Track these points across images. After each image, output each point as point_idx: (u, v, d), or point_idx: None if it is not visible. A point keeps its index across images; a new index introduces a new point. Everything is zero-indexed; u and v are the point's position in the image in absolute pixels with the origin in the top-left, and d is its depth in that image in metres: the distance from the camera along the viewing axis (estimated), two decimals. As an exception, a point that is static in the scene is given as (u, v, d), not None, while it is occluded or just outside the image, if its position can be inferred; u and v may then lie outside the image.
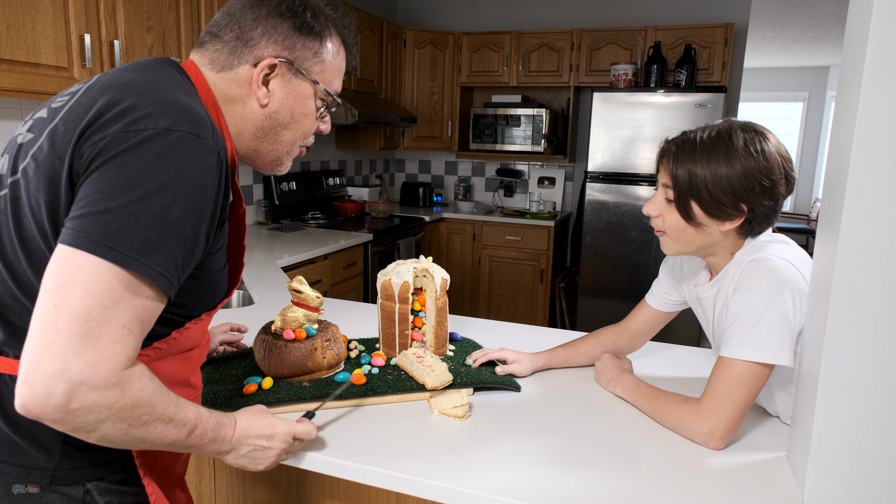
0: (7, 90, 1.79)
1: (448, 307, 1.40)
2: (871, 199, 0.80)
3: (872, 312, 0.82)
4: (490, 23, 4.64)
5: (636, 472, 0.97)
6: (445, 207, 4.63)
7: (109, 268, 0.66)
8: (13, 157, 0.79)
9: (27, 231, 0.75)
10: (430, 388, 1.18)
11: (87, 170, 0.71)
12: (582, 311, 4.06)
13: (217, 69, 0.88)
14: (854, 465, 0.86)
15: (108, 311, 0.66)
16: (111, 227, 0.67)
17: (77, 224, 0.67)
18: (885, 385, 0.83)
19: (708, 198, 1.06)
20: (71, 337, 0.64)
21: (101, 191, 0.68)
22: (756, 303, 1.01)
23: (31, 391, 0.64)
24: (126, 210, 0.67)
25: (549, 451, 1.02)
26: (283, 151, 0.96)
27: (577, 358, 1.40)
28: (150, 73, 0.82)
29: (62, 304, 0.65)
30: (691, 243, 1.12)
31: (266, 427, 0.90)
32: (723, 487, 0.93)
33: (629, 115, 3.77)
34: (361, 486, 1.26)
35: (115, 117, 0.72)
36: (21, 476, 0.79)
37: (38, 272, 0.73)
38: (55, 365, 0.63)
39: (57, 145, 0.74)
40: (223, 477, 1.40)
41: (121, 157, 0.69)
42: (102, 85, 0.78)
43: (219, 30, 0.89)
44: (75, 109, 0.76)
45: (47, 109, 0.81)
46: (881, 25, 0.76)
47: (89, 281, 0.65)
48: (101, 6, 2.03)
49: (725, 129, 1.08)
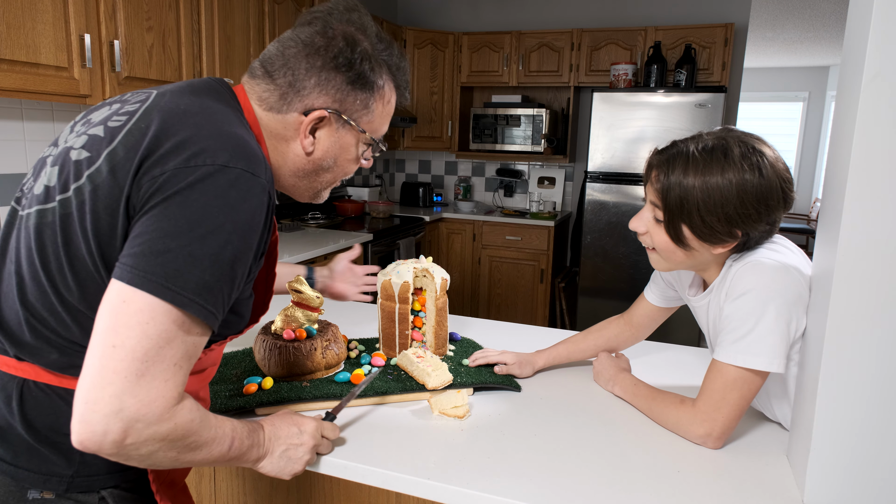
0: (7, 90, 1.79)
1: (448, 307, 1.40)
2: (871, 199, 0.80)
3: (872, 313, 0.82)
4: (490, 23, 4.64)
5: (636, 472, 0.97)
6: (445, 207, 4.64)
7: (167, 309, 0.68)
8: (64, 171, 0.79)
9: (75, 250, 0.75)
10: (430, 389, 1.18)
11: (145, 204, 0.72)
12: (582, 311, 4.06)
13: (266, 108, 0.89)
14: (854, 466, 0.86)
15: (162, 351, 0.69)
16: (170, 267, 0.68)
17: (136, 262, 0.69)
18: (884, 385, 0.83)
19: (700, 224, 1.00)
20: (128, 378, 0.66)
21: (160, 229, 0.69)
22: (751, 308, 0.98)
23: (88, 429, 0.66)
24: (185, 251, 0.69)
25: (548, 451, 1.02)
26: (322, 188, 0.97)
27: (580, 353, 1.39)
28: (207, 98, 0.82)
29: (120, 345, 0.67)
30: (682, 263, 1.09)
31: (293, 424, 0.93)
32: (722, 488, 0.93)
33: (629, 115, 3.77)
34: (361, 486, 1.26)
35: (173, 150, 0.73)
36: (38, 482, 0.79)
37: (84, 291, 0.75)
38: (112, 405, 0.66)
39: (117, 172, 0.74)
40: (223, 477, 1.40)
41: (180, 195, 0.70)
42: (161, 110, 0.78)
43: (272, 70, 0.88)
44: (133, 134, 0.76)
45: (104, 128, 0.80)
46: (881, 25, 0.76)
47: (148, 323, 0.67)
48: (101, 6, 2.03)
49: (720, 146, 0.99)
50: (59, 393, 0.79)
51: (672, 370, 1.42)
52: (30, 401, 0.79)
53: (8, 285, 0.80)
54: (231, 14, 2.65)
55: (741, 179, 0.97)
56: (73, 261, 0.75)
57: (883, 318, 0.81)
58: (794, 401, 1.02)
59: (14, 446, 0.79)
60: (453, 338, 1.49)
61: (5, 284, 0.80)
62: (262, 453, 0.87)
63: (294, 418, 0.94)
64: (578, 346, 1.39)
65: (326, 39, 0.87)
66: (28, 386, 0.79)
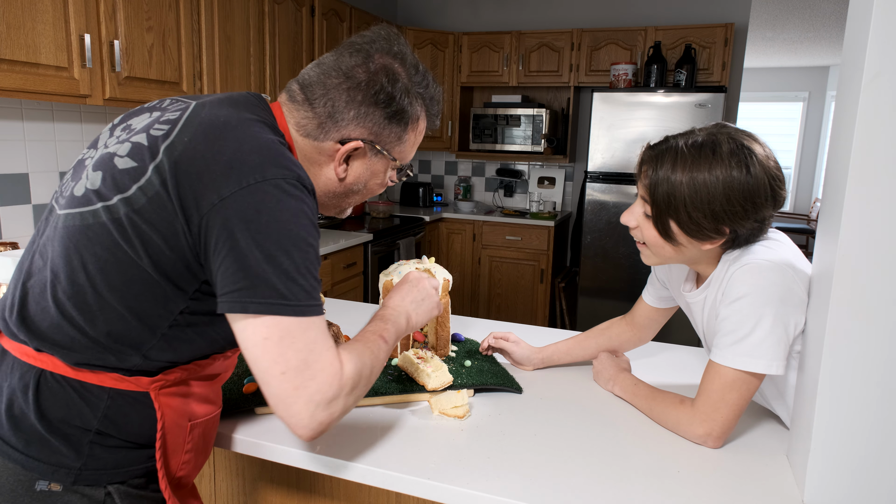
0: (7, 90, 1.79)
1: (448, 307, 1.40)
2: (871, 199, 0.80)
3: (872, 313, 0.82)
4: (490, 23, 4.64)
5: (636, 472, 0.97)
6: (445, 207, 4.64)
7: (296, 322, 0.77)
8: (108, 178, 0.82)
9: (124, 254, 0.79)
10: (430, 390, 1.18)
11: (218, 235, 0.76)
12: (582, 311, 4.06)
13: (303, 134, 0.92)
14: (854, 465, 0.86)
15: (312, 352, 0.78)
16: (281, 288, 0.76)
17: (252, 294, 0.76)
18: (885, 385, 0.83)
19: (687, 220, 1.00)
20: (307, 385, 0.77)
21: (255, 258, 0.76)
22: (748, 312, 0.98)
23: (309, 433, 0.79)
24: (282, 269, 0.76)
25: (548, 451, 1.02)
26: (347, 206, 1.03)
27: (582, 352, 1.39)
28: (245, 111, 0.86)
29: (287, 368, 0.77)
30: (672, 258, 1.08)
31: (410, 283, 1.07)
32: (723, 487, 0.93)
33: (629, 115, 3.77)
34: (361, 486, 1.26)
35: (224, 172, 0.77)
36: (47, 473, 0.81)
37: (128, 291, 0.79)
38: (308, 410, 0.78)
39: (168, 186, 0.78)
40: (223, 477, 1.40)
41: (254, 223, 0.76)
42: (202, 122, 0.82)
43: (313, 98, 0.90)
44: (177, 147, 0.80)
45: (146, 136, 0.83)
46: (881, 25, 0.76)
47: (294, 341, 0.77)
48: (101, 6, 2.03)
49: (710, 142, 0.99)
50: (73, 385, 0.82)
51: (672, 370, 1.42)
52: (45, 391, 0.81)
53: (37, 281, 0.83)
54: (231, 14, 2.65)
55: (728, 176, 0.97)
56: (120, 264, 0.79)
57: (883, 318, 0.81)
58: (795, 401, 1.02)
59: (27, 435, 0.81)
60: (457, 338, 1.49)
61: (34, 280, 0.84)
62: (409, 325, 1.01)
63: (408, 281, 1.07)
64: (581, 344, 1.39)
65: (368, 74, 0.90)
66: (45, 376, 0.81)
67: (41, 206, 2.27)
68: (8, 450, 0.81)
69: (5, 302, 0.87)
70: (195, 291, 0.82)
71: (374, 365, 0.88)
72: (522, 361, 1.36)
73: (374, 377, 0.88)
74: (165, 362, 0.85)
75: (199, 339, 0.86)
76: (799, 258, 1.03)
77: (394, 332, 0.96)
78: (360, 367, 0.84)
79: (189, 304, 0.82)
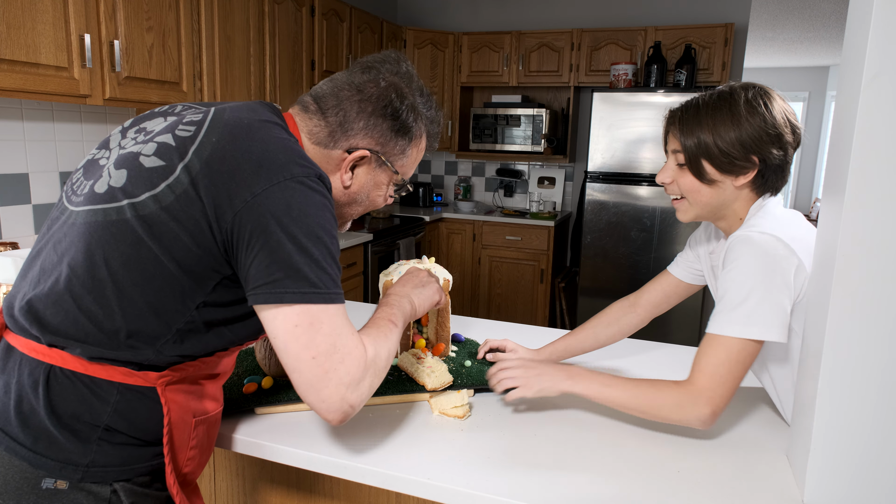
0: (7, 90, 1.79)
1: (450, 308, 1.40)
2: (870, 198, 0.80)
3: (872, 313, 0.82)
4: (490, 23, 4.64)
5: (636, 471, 0.97)
6: (445, 207, 4.64)
7: (324, 309, 0.82)
8: (133, 175, 0.85)
9: (147, 251, 0.81)
10: (429, 390, 1.18)
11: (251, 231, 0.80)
12: (582, 311, 4.06)
13: (314, 142, 0.97)
14: (854, 465, 0.86)
15: (340, 337, 0.83)
16: (312, 277, 0.81)
17: (286, 285, 0.80)
18: (885, 385, 0.83)
19: (718, 154, 1.06)
20: (336, 368, 0.82)
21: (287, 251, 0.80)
22: (742, 279, 0.99)
23: (339, 417, 0.84)
24: (312, 260, 0.81)
25: (549, 452, 1.02)
26: (350, 218, 1.07)
27: (578, 344, 1.37)
28: (263, 115, 0.92)
29: (318, 353, 0.82)
30: (707, 204, 1.11)
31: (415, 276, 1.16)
32: (723, 487, 0.93)
33: (629, 115, 3.77)
34: (361, 486, 1.26)
35: (254, 170, 0.82)
36: (54, 470, 0.81)
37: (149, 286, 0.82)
38: (338, 394, 0.83)
39: (198, 186, 0.82)
40: (223, 477, 1.40)
41: (286, 216, 0.81)
42: (228, 124, 0.87)
43: (325, 108, 0.97)
44: (206, 147, 0.84)
45: (172, 136, 0.87)
46: (881, 25, 0.76)
47: (322, 326, 0.82)
48: (101, 6, 2.03)
49: (727, 90, 1.09)
50: (84, 381, 0.83)
51: (672, 370, 1.42)
52: (55, 387, 0.82)
53: (51, 276, 0.84)
54: (231, 14, 2.65)
55: (750, 109, 1.06)
56: (143, 260, 0.82)
57: (883, 318, 0.81)
58: (795, 400, 1.02)
59: (35, 431, 0.81)
60: (457, 338, 1.49)
61: (47, 275, 0.85)
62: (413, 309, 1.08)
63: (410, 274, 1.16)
64: (576, 336, 1.38)
65: (378, 90, 0.97)
66: (55, 372, 0.82)
67: (41, 206, 2.27)
68: (16, 447, 0.81)
69: (12, 299, 0.88)
70: (214, 286, 0.85)
71: (390, 347, 0.93)
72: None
73: (391, 358, 0.93)
74: (175, 357, 0.87)
75: (210, 335, 0.89)
76: (801, 230, 1.05)
77: (401, 316, 1.01)
78: (379, 348, 0.90)
79: (206, 300, 0.85)
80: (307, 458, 1.01)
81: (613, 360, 1.47)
